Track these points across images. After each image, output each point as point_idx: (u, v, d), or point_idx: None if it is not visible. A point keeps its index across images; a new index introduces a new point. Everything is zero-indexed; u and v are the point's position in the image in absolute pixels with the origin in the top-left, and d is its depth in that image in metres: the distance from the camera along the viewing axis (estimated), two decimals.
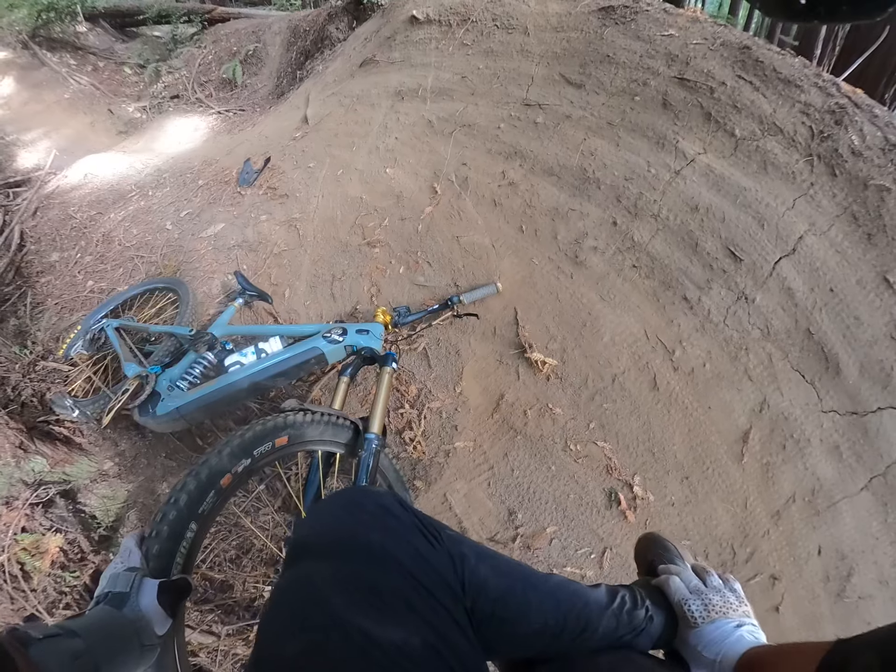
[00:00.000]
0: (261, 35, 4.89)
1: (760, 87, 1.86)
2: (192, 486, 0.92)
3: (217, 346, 1.68)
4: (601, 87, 2.10)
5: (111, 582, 0.72)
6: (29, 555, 1.38)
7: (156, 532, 0.85)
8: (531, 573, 0.67)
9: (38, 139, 4.64)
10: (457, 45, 2.51)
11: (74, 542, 1.47)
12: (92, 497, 1.62)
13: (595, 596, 0.68)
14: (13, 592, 1.31)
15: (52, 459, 1.62)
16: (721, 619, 0.66)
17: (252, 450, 1.02)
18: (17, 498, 1.46)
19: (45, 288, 2.67)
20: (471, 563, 0.60)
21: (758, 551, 1.53)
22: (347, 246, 2.15)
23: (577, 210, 1.91)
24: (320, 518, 0.62)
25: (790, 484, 1.52)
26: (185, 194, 2.79)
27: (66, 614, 1.34)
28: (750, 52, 1.93)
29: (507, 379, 1.74)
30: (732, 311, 1.68)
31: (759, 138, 1.78)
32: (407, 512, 0.61)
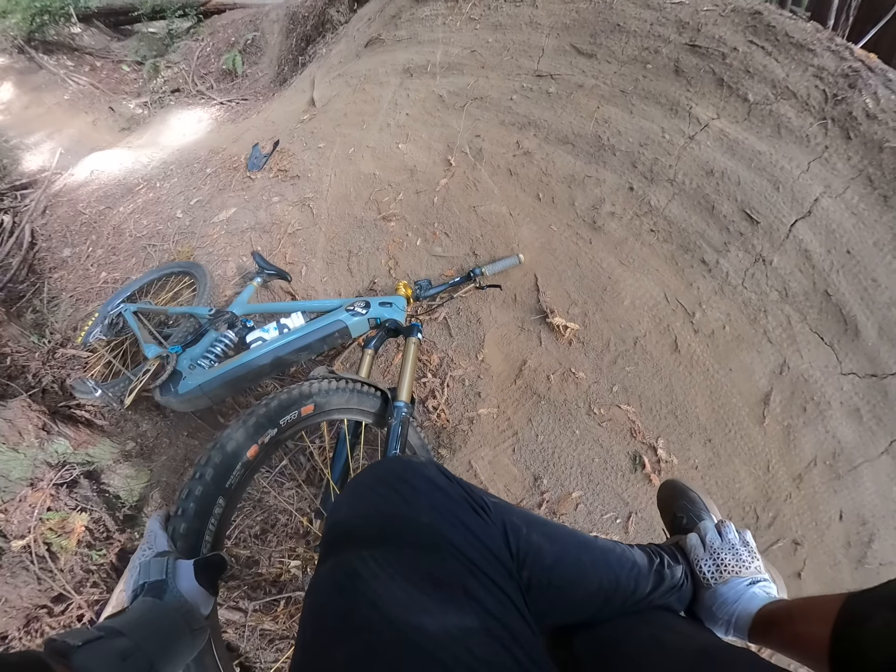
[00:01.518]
0: (258, 24, 4.87)
1: (773, 51, 1.84)
2: (217, 460, 0.86)
3: (238, 323, 1.69)
4: (613, 56, 2.08)
5: (144, 571, 0.67)
6: (55, 534, 1.39)
7: (182, 510, 0.80)
8: (581, 536, 0.66)
9: (41, 141, 4.65)
10: (464, 19, 2.50)
11: (100, 521, 1.48)
12: (115, 477, 1.62)
13: (639, 556, 0.67)
14: (40, 573, 1.31)
15: (74, 441, 1.62)
16: (734, 578, 0.66)
17: (278, 419, 0.97)
18: (42, 479, 1.46)
19: (59, 283, 2.69)
20: (522, 532, 0.58)
21: (780, 515, 1.53)
22: (363, 221, 2.15)
23: (593, 177, 1.90)
24: (361, 496, 0.56)
25: (811, 447, 1.52)
26: (193, 183, 2.79)
27: (93, 593, 1.34)
28: (761, 17, 1.92)
29: (529, 345, 1.74)
30: (750, 273, 1.68)
31: (772, 102, 1.77)
32: (453, 483, 0.57)
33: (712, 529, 0.74)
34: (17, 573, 1.31)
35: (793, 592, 1.48)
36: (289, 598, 1.40)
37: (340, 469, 1.35)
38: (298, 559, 1.50)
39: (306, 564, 1.48)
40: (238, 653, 1.30)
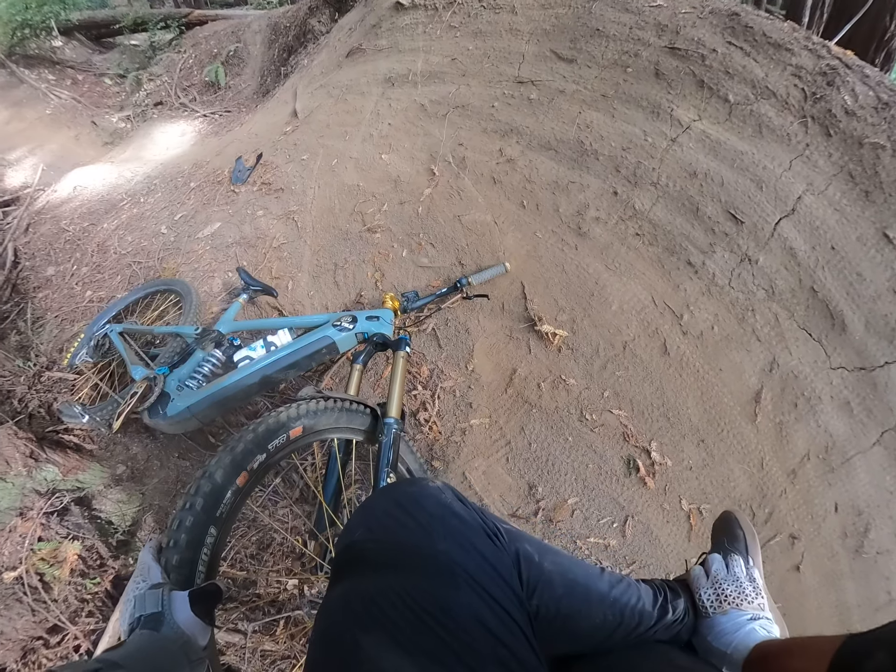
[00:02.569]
0: (240, 35, 4.83)
1: (751, 52, 1.85)
2: (206, 489, 0.85)
3: (225, 342, 1.66)
4: (593, 61, 2.08)
5: (139, 604, 0.67)
6: (47, 564, 1.35)
7: (173, 541, 0.79)
8: (590, 568, 0.66)
9: (23, 157, 4.57)
10: (444, 27, 2.48)
11: (93, 548, 1.44)
12: (107, 503, 1.59)
13: (644, 590, 0.68)
14: (34, 604, 1.28)
15: (63, 467, 1.59)
16: (734, 610, 0.65)
17: (266, 444, 0.96)
18: (32, 508, 1.43)
19: (43, 302, 2.64)
20: (534, 560, 0.58)
21: (776, 511, 1.53)
22: (348, 234, 2.12)
23: (576, 182, 1.89)
24: (376, 519, 0.56)
25: (804, 442, 1.53)
26: (177, 198, 2.75)
27: (89, 622, 1.31)
28: (739, 18, 1.93)
29: (519, 353, 1.73)
30: (737, 273, 1.69)
31: (752, 102, 1.78)
32: (468, 509, 0.57)
33: (719, 561, 0.73)
34: (11, 605, 1.28)
35: (792, 586, 1.49)
36: (288, 618, 1.37)
37: (332, 488, 1.33)
38: (296, 578, 1.49)
39: (303, 584, 1.45)
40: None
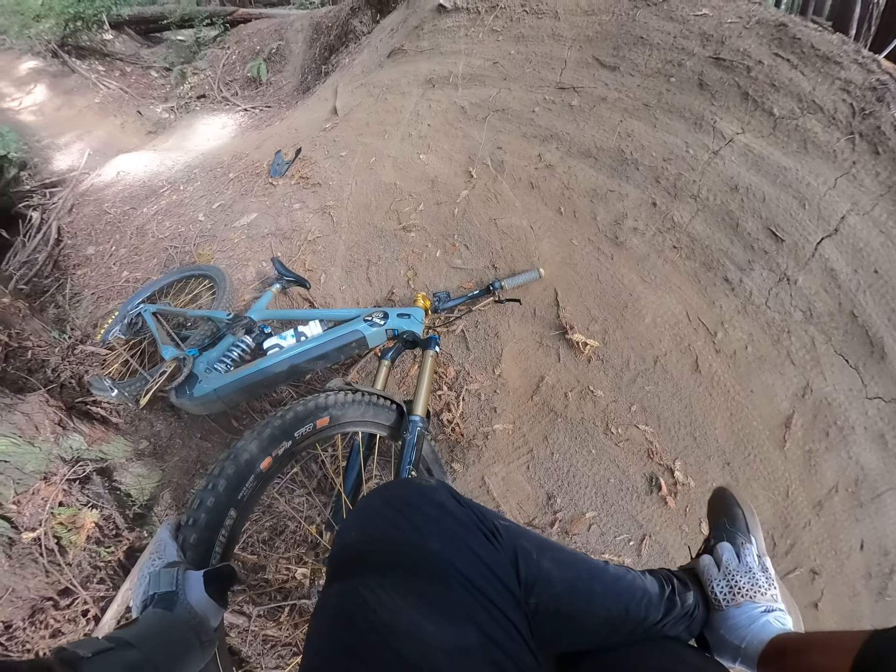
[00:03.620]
0: (283, 33, 4.91)
1: (798, 64, 1.79)
2: (230, 471, 0.84)
3: (255, 329, 1.66)
4: (636, 69, 2.03)
5: (154, 582, 0.66)
6: (65, 529, 1.37)
7: (192, 520, 0.78)
8: (592, 563, 0.63)
9: (71, 142, 4.72)
10: (486, 31, 2.46)
11: (110, 518, 1.46)
12: (127, 475, 1.60)
13: (650, 583, 0.65)
14: (49, 566, 1.29)
15: (89, 438, 1.60)
16: (747, 602, 0.62)
17: (293, 431, 0.95)
18: (55, 473, 1.44)
19: (81, 279, 2.70)
20: (532, 557, 0.56)
21: (798, 543, 1.46)
22: (383, 231, 2.11)
23: (615, 191, 1.84)
24: (371, 520, 0.55)
25: (833, 473, 1.46)
26: (216, 187, 2.79)
27: (100, 589, 1.33)
28: (786, 29, 1.86)
29: (548, 361, 1.68)
30: (774, 292, 1.62)
31: (798, 117, 1.71)
32: (464, 507, 0.55)
33: (730, 550, 0.70)
34: (26, 565, 1.29)
35: (809, 624, 1.39)
36: (293, 606, 1.36)
37: (353, 481, 1.32)
38: (306, 567, 1.46)
39: (314, 574, 1.43)
40: (239, 657, 1.26)
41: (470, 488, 1.61)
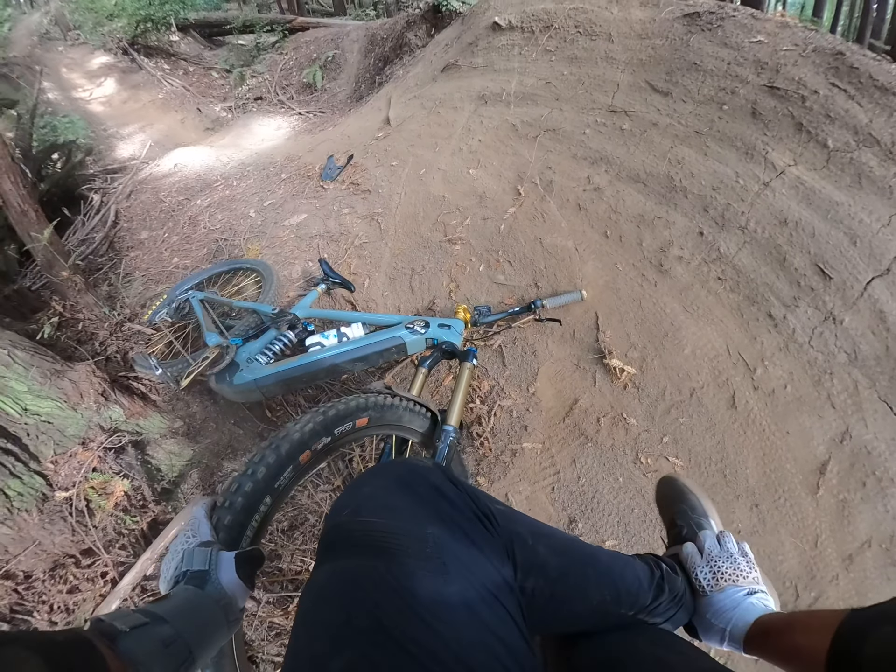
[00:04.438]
0: (339, 42, 5.03)
1: (855, 95, 1.72)
2: (270, 459, 0.86)
3: (299, 326, 1.68)
4: (688, 95, 2.00)
5: (187, 559, 0.66)
6: (96, 493, 1.41)
7: (229, 503, 0.80)
8: (585, 547, 0.64)
9: (134, 133, 4.94)
10: (540, 51, 2.46)
11: (139, 489, 1.50)
12: (160, 451, 1.64)
13: (640, 568, 0.66)
14: (76, 525, 1.33)
15: (128, 410, 1.64)
16: (730, 586, 0.64)
17: (333, 428, 0.96)
18: (93, 440, 1.49)
19: (134, 261, 2.80)
20: (528, 543, 0.56)
21: (823, 597, 1.37)
22: (428, 242, 2.12)
23: (663, 218, 1.80)
24: (363, 500, 0.53)
25: (867, 526, 1.37)
26: (268, 186, 2.86)
27: (121, 554, 1.36)
28: (844, 58, 1.80)
29: (583, 384, 1.65)
30: (818, 331, 1.54)
31: (853, 150, 1.65)
32: (459, 491, 0.54)
33: (711, 538, 0.71)
34: (55, 521, 1.34)
35: None
36: None
37: None
38: None
39: None
40: (243, 640, 1.26)
41: None
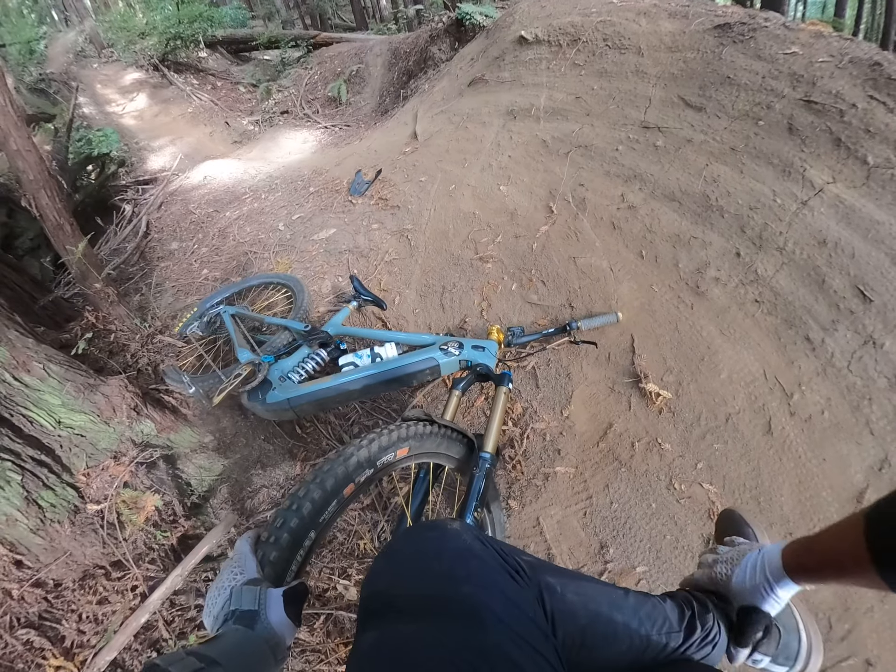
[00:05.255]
0: (363, 57, 5.07)
1: (895, 108, 1.63)
2: (315, 495, 0.85)
3: (331, 344, 1.66)
4: (722, 110, 1.93)
5: (236, 598, 0.66)
6: (127, 507, 1.41)
7: (274, 538, 0.79)
8: (613, 592, 0.64)
9: (165, 145, 5.05)
10: (568, 65, 2.42)
11: (169, 504, 1.50)
12: (190, 466, 1.64)
13: (669, 608, 0.65)
14: (107, 538, 1.34)
15: (159, 425, 1.64)
16: (743, 557, 0.65)
17: (376, 461, 0.96)
18: (125, 454, 1.50)
19: (164, 272, 2.83)
20: (557, 592, 0.57)
21: (856, 629, 1.28)
22: (459, 259, 2.09)
23: (699, 238, 1.74)
24: (400, 566, 0.55)
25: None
26: (296, 199, 2.86)
27: (150, 569, 1.36)
28: (881, 69, 1.71)
29: (618, 408, 1.59)
30: (858, 356, 1.46)
31: (894, 166, 1.56)
32: (488, 548, 0.56)
33: (724, 547, 0.73)
34: (87, 533, 1.35)
35: None
36: (329, 615, 1.35)
37: (417, 507, 1.29)
38: (349, 580, 1.44)
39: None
40: None
41: (523, 528, 1.54)
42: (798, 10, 14.08)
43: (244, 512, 1.64)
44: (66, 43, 8.79)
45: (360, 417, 1.77)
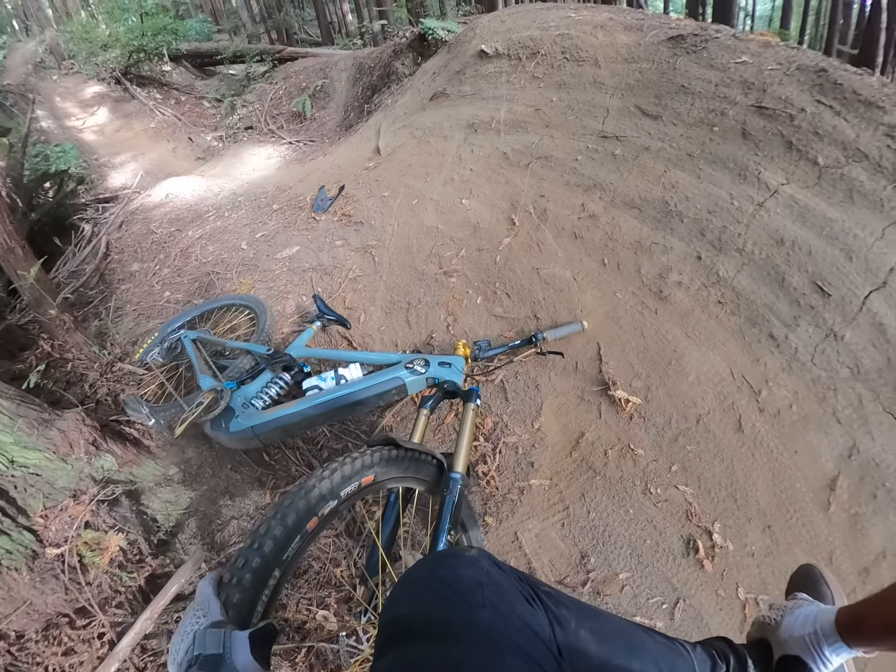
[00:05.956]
0: (328, 72, 5.04)
1: (841, 111, 1.72)
2: (277, 532, 0.81)
3: (295, 367, 1.60)
4: (678, 118, 1.98)
5: (199, 642, 0.63)
6: (89, 549, 1.33)
7: (237, 579, 0.75)
8: (633, 636, 0.61)
9: (126, 162, 4.88)
10: (528, 77, 2.45)
11: (134, 543, 1.42)
12: (155, 500, 1.57)
13: (699, 660, 0.62)
14: (69, 583, 1.26)
15: (120, 459, 1.57)
16: (798, 608, 0.63)
17: (339, 491, 0.92)
18: (85, 493, 1.42)
19: (125, 294, 2.72)
20: (571, 626, 0.56)
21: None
22: (423, 274, 2.06)
23: (660, 244, 1.76)
24: (418, 592, 0.56)
25: (881, 538, 1.33)
26: (259, 217, 2.79)
27: (118, 613, 1.29)
28: (827, 74, 1.80)
29: (589, 417, 1.58)
30: (820, 349, 1.51)
31: (843, 166, 1.64)
32: (505, 574, 0.56)
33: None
34: (47, 580, 1.26)
35: None
36: (311, 648, 1.29)
37: (389, 533, 1.24)
38: (328, 609, 1.38)
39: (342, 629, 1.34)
40: None
41: (501, 543, 1.51)
42: (746, 24, 14.88)
43: (214, 546, 1.56)
44: (25, 53, 8.42)
45: (328, 441, 1.71)
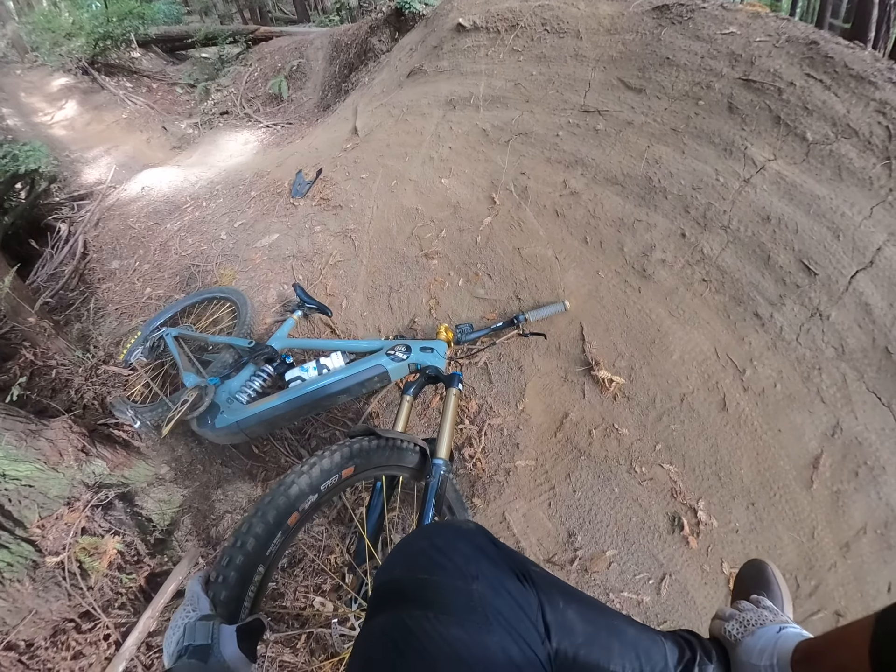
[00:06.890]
0: (303, 51, 4.86)
1: (832, 85, 1.67)
2: (258, 529, 0.83)
3: (277, 359, 1.59)
4: (663, 92, 1.92)
5: (189, 634, 0.66)
6: (88, 554, 1.36)
7: (222, 577, 0.78)
8: (614, 620, 0.64)
9: (99, 156, 4.72)
10: (507, 51, 2.36)
11: (131, 544, 1.45)
12: (149, 500, 1.59)
13: (669, 649, 0.65)
14: (71, 589, 1.30)
15: (111, 462, 1.58)
16: (759, 628, 0.64)
17: (319, 485, 0.93)
18: (79, 499, 1.44)
19: (106, 294, 2.67)
20: (559, 606, 0.59)
21: (823, 585, 1.35)
22: (404, 257, 2.02)
23: (643, 221, 1.73)
24: (414, 558, 0.58)
25: (861, 514, 1.36)
26: (238, 205, 2.73)
27: (121, 615, 1.32)
28: (818, 47, 1.74)
29: (572, 397, 1.58)
30: (806, 328, 1.50)
31: (832, 142, 1.59)
32: (499, 550, 0.58)
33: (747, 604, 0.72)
34: (49, 588, 1.30)
35: None
36: (310, 634, 1.33)
37: (375, 522, 1.25)
38: (324, 595, 1.41)
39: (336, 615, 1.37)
40: None
41: (490, 524, 1.53)
42: None
43: (210, 541, 1.59)
44: None
45: (316, 430, 1.71)
